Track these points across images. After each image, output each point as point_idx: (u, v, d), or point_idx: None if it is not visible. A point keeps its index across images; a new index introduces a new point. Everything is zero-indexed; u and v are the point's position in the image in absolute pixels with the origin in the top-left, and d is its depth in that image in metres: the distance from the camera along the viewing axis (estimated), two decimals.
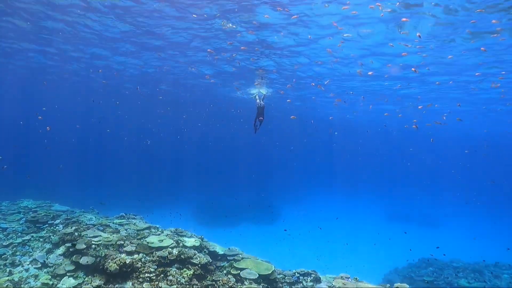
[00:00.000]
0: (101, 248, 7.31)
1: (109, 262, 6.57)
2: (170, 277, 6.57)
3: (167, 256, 7.08)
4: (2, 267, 7.23)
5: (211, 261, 7.57)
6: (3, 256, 7.55)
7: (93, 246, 7.39)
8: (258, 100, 13.43)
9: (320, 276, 7.86)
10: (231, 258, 8.18)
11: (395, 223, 30.13)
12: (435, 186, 52.67)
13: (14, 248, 7.93)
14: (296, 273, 7.89)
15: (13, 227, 8.98)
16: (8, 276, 6.90)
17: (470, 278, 14.70)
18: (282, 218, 28.19)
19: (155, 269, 6.76)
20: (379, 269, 17.91)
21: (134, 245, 7.46)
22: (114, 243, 7.52)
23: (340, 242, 21.93)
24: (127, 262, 6.62)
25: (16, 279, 6.75)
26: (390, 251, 20.79)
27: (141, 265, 6.75)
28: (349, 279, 7.15)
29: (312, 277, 7.71)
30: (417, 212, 34.22)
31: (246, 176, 43.11)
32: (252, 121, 13.26)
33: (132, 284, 6.39)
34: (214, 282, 6.95)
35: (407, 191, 47.51)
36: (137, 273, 6.60)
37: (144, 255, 7.10)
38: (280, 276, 7.81)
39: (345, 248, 20.80)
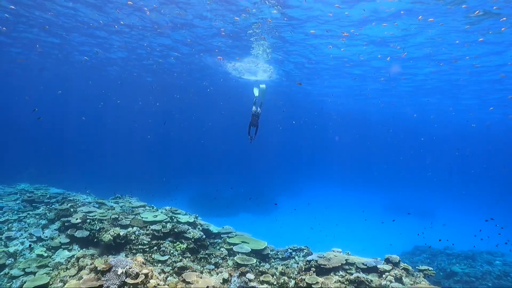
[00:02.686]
0: (96, 222, 7.39)
1: (103, 234, 6.66)
2: (163, 249, 6.67)
3: (160, 230, 7.17)
4: None
5: (204, 236, 7.67)
6: None
7: (88, 220, 7.47)
8: (254, 108, 11.60)
9: (313, 252, 7.97)
10: (225, 235, 8.29)
11: (392, 214, 30.36)
12: (431, 177, 52.95)
13: (10, 224, 8.01)
14: (289, 249, 8.00)
15: (9, 206, 9.05)
16: (3, 248, 6.98)
17: (463, 264, 14.89)
18: (279, 208, 28.33)
19: (149, 242, 6.86)
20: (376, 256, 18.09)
21: (128, 219, 7.55)
22: (109, 217, 7.61)
23: (335, 230, 22.12)
24: (121, 234, 6.71)
25: (11, 251, 6.83)
26: (386, 240, 21.00)
27: (135, 237, 6.85)
28: (341, 253, 7.26)
29: (304, 253, 7.82)
30: (413, 203, 34.48)
31: (244, 167, 43.20)
32: (246, 128, 11.07)
33: (126, 255, 6.49)
34: (207, 256, 7.05)
35: (403, 183, 47.74)
36: (131, 245, 6.70)
37: (138, 229, 7.20)
38: (273, 252, 7.93)
39: (342, 237, 20.99)
